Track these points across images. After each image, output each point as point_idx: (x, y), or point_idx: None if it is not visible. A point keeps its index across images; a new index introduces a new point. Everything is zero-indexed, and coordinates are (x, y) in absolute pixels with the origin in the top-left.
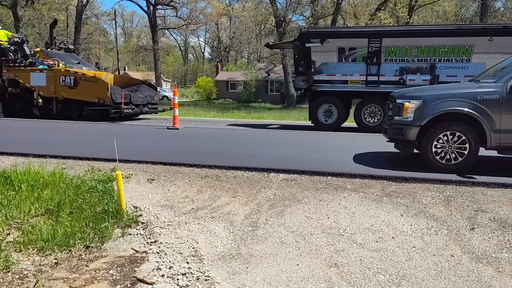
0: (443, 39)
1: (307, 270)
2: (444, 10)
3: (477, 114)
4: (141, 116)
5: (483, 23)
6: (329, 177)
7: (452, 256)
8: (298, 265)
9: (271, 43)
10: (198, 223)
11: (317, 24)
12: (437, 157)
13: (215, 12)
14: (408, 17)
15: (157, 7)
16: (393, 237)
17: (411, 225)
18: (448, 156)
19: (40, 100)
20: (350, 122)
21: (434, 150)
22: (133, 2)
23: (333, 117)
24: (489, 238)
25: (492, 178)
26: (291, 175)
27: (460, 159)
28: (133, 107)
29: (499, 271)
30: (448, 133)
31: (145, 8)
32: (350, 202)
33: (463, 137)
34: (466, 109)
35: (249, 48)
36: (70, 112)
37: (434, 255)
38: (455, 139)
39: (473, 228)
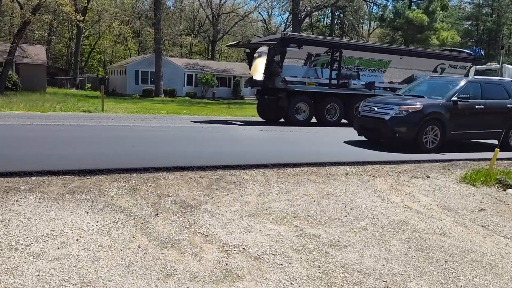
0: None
1: None
2: (122, 1)
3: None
4: None
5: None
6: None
7: (139, 247)
8: None
9: None
10: None
11: None
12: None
13: None
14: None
15: None
16: (77, 240)
17: (97, 222)
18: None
19: None
20: None
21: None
22: None
23: None
24: (172, 221)
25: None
26: None
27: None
28: None
29: (181, 253)
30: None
31: None
32: (25, 206)
33: None
34: None
35: None
36: None
37: (121, 250)
38: None
39: (158, 214)
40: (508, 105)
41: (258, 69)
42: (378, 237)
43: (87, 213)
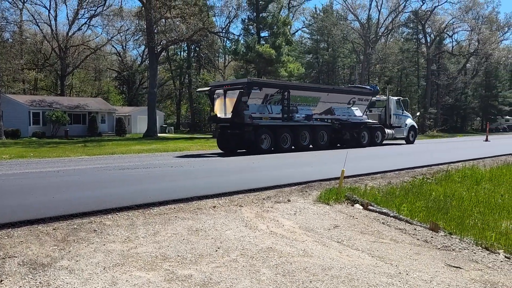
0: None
1: None
2: None
3: None
4: None
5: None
6: None
7: None
8: None
9: None
10: None
11: None
12: None
13: None
14: None
15: None
16: None
17: None
18: None
19: None
20: None
21: None
22: None
23: None
24: (20, 286)
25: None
26: None
27: None
28: None
29: None
30: None
31: None
32: None
33: None
34: None
35: None
36: None
37: None
38: None
39: (2, 281)
40: None
41: (219, 108)
42: (249, 268)
43: None
